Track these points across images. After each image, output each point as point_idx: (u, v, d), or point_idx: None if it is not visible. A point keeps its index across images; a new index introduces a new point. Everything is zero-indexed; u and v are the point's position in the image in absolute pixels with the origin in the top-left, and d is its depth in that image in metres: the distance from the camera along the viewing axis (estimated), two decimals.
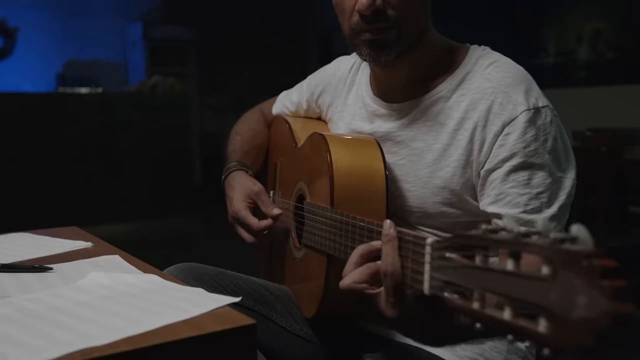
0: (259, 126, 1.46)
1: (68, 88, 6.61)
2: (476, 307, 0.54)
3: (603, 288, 0.43)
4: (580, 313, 0.44)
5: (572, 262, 0.45)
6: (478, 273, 0.55)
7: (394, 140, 1.09)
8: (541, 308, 0.47)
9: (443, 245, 0.63)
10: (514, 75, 0.99)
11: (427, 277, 0.66)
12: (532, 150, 0.93)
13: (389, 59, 1.02)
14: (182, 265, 1.19)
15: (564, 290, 0.45)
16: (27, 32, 7.19)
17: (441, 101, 1.03)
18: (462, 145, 0.99)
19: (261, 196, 1.24)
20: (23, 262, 0.99)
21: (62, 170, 5.03)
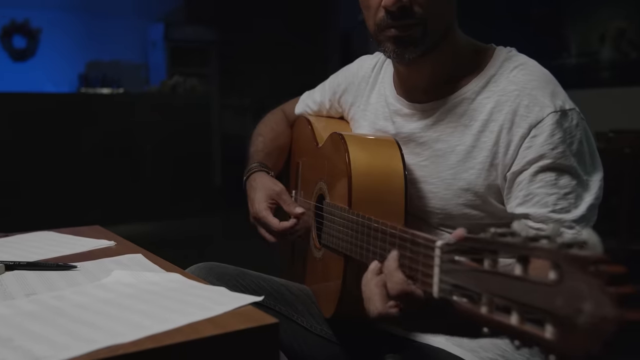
0: (281, 127, 1.46)
1: (90, 88, 6.69)
2: (484, 311, 0.54)
3: (609, 294, 0.42)
4: (586, 319, 0.43)
5: (578, 267, 0.44)
6: (486, 277, 0.55)
7: (417, 141, 1.08)
8: (547, 313, 0.46)
9: (452, 249, 0.63)
10: (540, 77, 0.99)
11: (436, 280, 0.66)
12: (559, 152, 0.93)
13: (413, 56, 1.02)
14: (204, 264, 1.19)
15: (570, 295, 0.45)
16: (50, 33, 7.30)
17: (465, 102, 1.03)
18: (487, 148, 0.99)
19: (283, 196, 1.24)
20: (48, 261, 1.00)
21: (83, 170, 5.08)
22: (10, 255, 1.05)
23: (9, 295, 0.80)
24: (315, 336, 1.17)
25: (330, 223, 1.08)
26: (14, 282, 0.87)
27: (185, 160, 5.55)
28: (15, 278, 0.89)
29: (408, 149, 1.09)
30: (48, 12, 7.22)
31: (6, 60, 7.18)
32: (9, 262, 0.95)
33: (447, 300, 0.62)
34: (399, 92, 1.14)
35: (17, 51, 7.22)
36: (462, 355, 1.01)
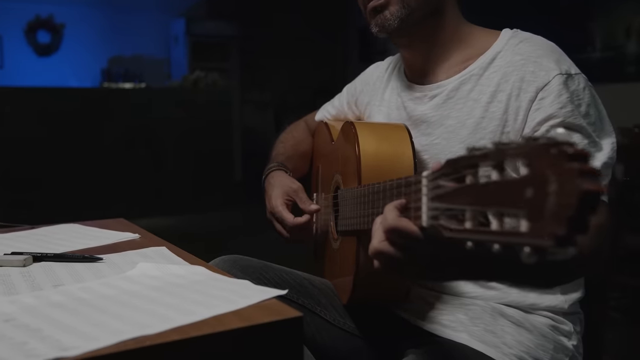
0: (302, 135, 1.50)
1: (112, 83, 6.76)
2: (468, 226, 0.54)
3: (570, 170, 0.42)
4: (552, 201, 0.43)
5: (542, 153, 0.45)
6: (468, 192, 0.55)
7: (429, 122, 1.10)
8: (521, 208, 0.46)
9: (437, 175, 0.63)
10: (545, 47, 1.01)
11: (424, 209, 0.66)
12: (568, 111, 0.94)
13: (392, 24, 1.06)
14: (227, 257, 1.20)
15: (538, 183, 0.45)
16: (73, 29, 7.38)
17: (473, 79, 1.06)
18: (497, 117, 1.01)
19: (299, 193, 1.26)
20: (74, 252, 1.02)
21: (105, 164, 5.14)
22: (37, 247, 1.07)
23: (37, 286, 0.81)
24: (338, 329, 1.17)
25: (344, 207, 1.10)
26: (41, 273, 0.88)
27: (206, 154, 5.58)
28: (43, 269, 0.91)
29: (420, 130, 1.11)
30: (72, 7, 7.30)
31: (31, 56, 7.28)
32: (36, 254, 0.96)
33: (435, 227, 0.62)
34: (409, 78, 1.18)
35: (41, 46, 7.32)
36: (485, 351, 1.00)
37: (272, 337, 0.67)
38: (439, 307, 1.08)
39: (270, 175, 1.35)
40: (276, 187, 1.29)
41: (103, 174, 5.12)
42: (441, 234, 0.59)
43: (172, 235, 1.24)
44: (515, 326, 1.02)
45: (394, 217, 0.72)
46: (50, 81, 6.75)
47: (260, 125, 7.56)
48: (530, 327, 1.02)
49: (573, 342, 1.05)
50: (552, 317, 1.04)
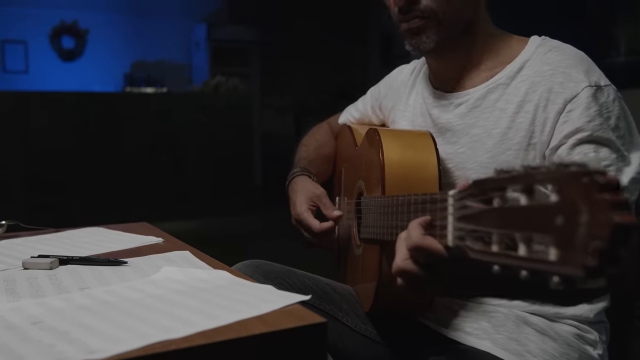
0: (325, 137, 1.49)
1: (135, 88, 6.83)
2: (495, 249, 0.53)
3: (602, 201, 0.41)
4: (583, 232, 0.42)
5: (573, 181, 0.44)
6: (495, 215, 0.54)
7: (454, 130, 1.09)
8: (551, 235, 0.45)
9: (464, 195, 0.62)
10: (574, 57, 0.99)
11: (450, 229, 0.66)
12: (597, 124, 0.92)
13: (428, 46, 1.05)
14: (250, 261, 1.20)
15: (568, 212, 0.44)
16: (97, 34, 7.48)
17: (500, 88, 1.04)
18: (524, 128, 0.99)
19: (323, 199, 1.25)
20: (99, 256, 1.03)
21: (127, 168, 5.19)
22: (62, 250, 1.08)
23: (64, 288, 0.82)
24: (360, 335, 1.17)
25: (367, 215, 1.09)
26: (67, 276, 0.90)
27: (227, 159, 5.62)
28: (69, 272, 0.92)
29: (445, 138, 1.10)
30: (96, 13, 7.41)
31: (55, 61, 7.40)
32: (62, 257, 0.97)
33: (460, 247, 0.62)
34: (434, 85, 1.17)
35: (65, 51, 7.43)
36: (509, 359, 0.99)
37: (296, 342, 0.66)
38: (462, 315, 1.07)
39: (293, 181, 1.35)
40: (300, 193, 1.29)
41: (125, 177, 5.18)
42: (467, 255, 0.59)
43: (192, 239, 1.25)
44: (540, 334, 1.01)
45: (418, 235, 0.71)
46: (74, 86, 6.85)
47: (280, 130, 7.59)
48: (555, 335, 1.01)
49: (599, 351, 1.04)
50: (577, 326, 1.03)
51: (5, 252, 1.08)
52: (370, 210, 1.06)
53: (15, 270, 0.94)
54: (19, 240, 1.20)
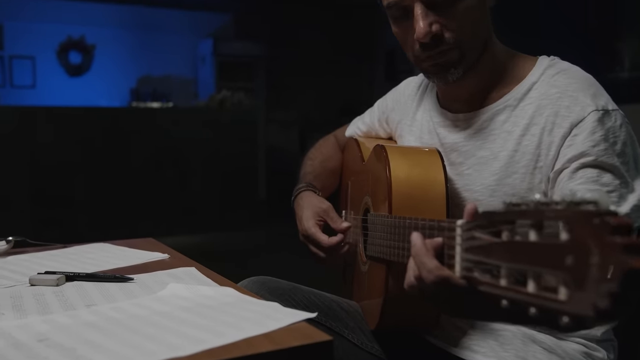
0: (332, 151, 1.48)
1: (141, 102, 6.87)
2: (503, 284, 0.53)
3: (614, 244, 0.41)
4: (594, 273, 0.42)
5: (584, 222, 0.44)
6: (504, 248, 0.54)
7: (460, 150, 1.09)
8: (560, 274, 0.45)
9: (472, 226, 0.62)
10: (582, 80, 0.99)
11: (458, 259, 0.66)
12: (601, 149, 0.91)
13: (456, 77, 1.03)
14: (256, 278, 1.20)
15: (579, 252, 0.44)
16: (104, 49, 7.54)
17: (508, 110, 1.03)
18: (530, 151, 0.99)
19: (329, 213, 1.25)
20: (105, 272, 1.03)
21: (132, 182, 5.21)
22: (69, 266, 1.09)
23: (70, 305, 0.83)
24: (366, 353, 1.16)
25: (373, 232, 1.09)
26: (74, 292, 0.90)
27: (232, 173, 5.63)
28: (75, 289, 0.92)
29: (451, 158, 1.09)
30: (103, 28, 7.47)
31: (62, 76, 7.45)
32: (69, 273, 0.97)
33: (469, 278, 0.62)
34: (442, 104, 1.16)
35: (72, 66, 7.49)
36: None
37: None
38: (469, 333, 1.06)
39: (299, 197, 1.34)
40: (306, 208, 1.28)
41: (131, 191, 5.19)
42: (475, 287, 0.59)
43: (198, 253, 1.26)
44: (547, 352, 1.00)
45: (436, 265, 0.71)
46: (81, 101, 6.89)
47: (285, 144, 7.61)
48: (563, 353, 1.00)
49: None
50: (585, 344, 1.02)
51: (12, 268, 1.08)
52: (377, 228, 1.06)
53: (22, 286, 0.94)
54: (26, 256, 1.20)
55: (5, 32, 7.16)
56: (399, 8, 1.01)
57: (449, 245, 0.70)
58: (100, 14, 7.24)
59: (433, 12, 0.98)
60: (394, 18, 1.04)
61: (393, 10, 1.02)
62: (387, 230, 0.98)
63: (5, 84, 7.17)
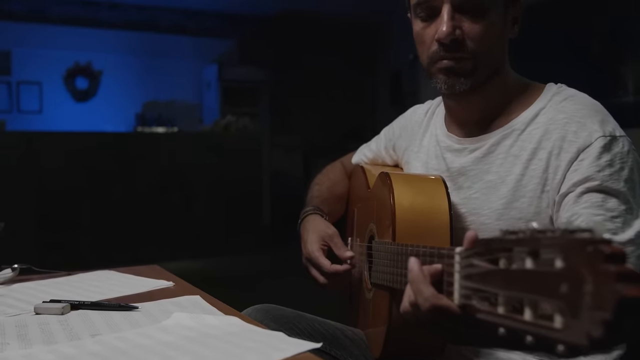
0: (338, 176, 1.49)
1: (146, 127, 6.91)
2: (501, 311, 0.53)
3: (607, 273, 0.41)
4: (587, 302, 0.42)
5: (578, 250, 0.44)
6: (501, 276, 0.54)
7: (468, 175, 1.09)
8: (556, 302, 0.45)
9: (471, 253, 0.62)
10: (589, 107, 0.99)
11: (456, 287, 0.66)
12: (606, 175, 0.91)
13: (463, 88, 1.03)
14: (260, 306, 1.20)
15: (573, 280, 0.44)
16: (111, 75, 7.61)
17: (515, 134, 1.04)
18: (537, 175, 0.99)
19: (334, 239, 1.25)
20: (110, 300, 1.03)
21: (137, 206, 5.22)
22: (74, 294, 1.09)
23: (75, 335, 0.83)
24: None
25: (378, 260, 1.09)
26: (79, 321, 0.90)
27: (236, 198, 5.63)
28: (80, 317, 0.92)
29: (458, 183, 1.10)
30: (110, 54, 7.55)
31: (68, 101, 7.52)
32: (74, 302, 0.98)
33: (467, 306, 0.62)
34: (449, 129, 1.16)
35: (79, 92, 7.56)
36: None
37: None
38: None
39: (305, 220, 1.34)
40: (311, 232, 1.28)
41: (135, 216, 5.20)
42: (473, 315, 0.59)
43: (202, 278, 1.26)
44: None
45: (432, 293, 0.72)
46: (86, 126, 6.94)
47: (290, 169, 7.63)
48: None
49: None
50: None
51: (18, 296, 1.08)
52: (381, 255, 1.06)
53: (27, 315, 0.95)
54: (31, 284, 1.20)
55: (13, 58, 7.24)
56: (427, 7, 1.03)
57: (447, 273, 0.70)
58: (107, 40, 7.33)
59: (460, 17, 1.00)
60: (419, 16, 1.05)
61: (420, 8, 1.04)
62: (390, 257, 0.98)
63: (13, 110, 7.23)
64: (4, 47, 7.09)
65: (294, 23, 7.49)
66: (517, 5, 1.06)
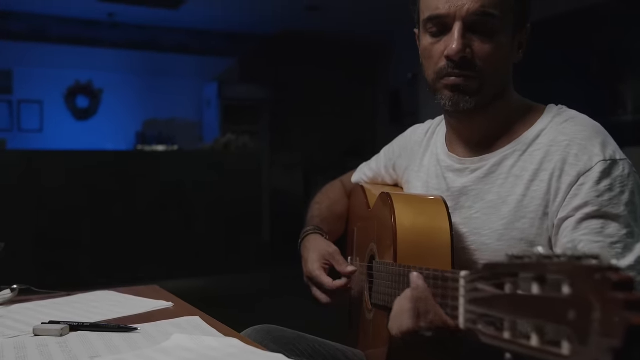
0: (338, 196, 1.49)
1: (146, 145, 6.93)
2: (507, 336, 0.53)
3: (615, 300, 0.41)
4: (596, 329, 0.42)
5: (586, 277, 0.44)
6: (507, 301, 0.54)
7: (469, 195, 1.09)
8: (563, 329, 0.45)
9: (475, 277, 0.62)
10: (590, 129, 1.00)
11: (462, 311, 0.66)
12: (606, 200, 0.91)
13: (467, 106, 1.04)
14: (261, 327, 1.19)
15: (581, 307, 0.44)
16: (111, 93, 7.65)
17: (516, 154, 1.04)
18: (539, 197, 0.99)
19: (336, 256, 1.25)
20: (109, 321, 1.03)
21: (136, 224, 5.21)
22: (73, 315, 1.08)
23: (74, 357, 0.82)
24: None
25: (379, 280, 1.09)
26: (78, 343, 0.89)
27: (236, 216, 5.63)
28: (80, 339, 0.92)
29: (460, 203, 1.10)
30: (110, 72, 7.58)
31: (69, 119, 7.53)
32: (73, 323, 0.97)
33: (472, 330, 0.62)
34: (450, 149, 1.16)
35: (80, 110, 7.58)
36: None
37: None
38: None
39: (306, 239, 1.34)
40: (312, 251, 1.28)
41: (135, 234, 5.19)
42: (479, 339, 0.59)
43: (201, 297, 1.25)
44: None
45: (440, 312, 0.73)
46: (87, 144, 6.95)
47: (289, 187, 7.63)
48: None
49: None
50: None
51: (17, 318, 1.08)
52: (382, 276, 1.06)
53: (26, 337, 0.94)
54: (30, 304, 1.20)
55: (15, 77, 7.28)
56: (438, 23, 1.03)
57: (452, 297, 0.70)
58: (108, 58, 7.37)
59: (470, 36, 1.01)
60: (429, 32, 1.06)
61: (432, 23, 1.04)
62: (392, 278, 0.98)
63: (13, 128, 7.25)
64: (5, 66, 7.12)
65: (294, 42, 7.54)
66: (524, 31, 1.07)
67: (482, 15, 0.99)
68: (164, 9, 6.48)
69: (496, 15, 0.99)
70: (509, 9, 1.02)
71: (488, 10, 0.99)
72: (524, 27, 1.07)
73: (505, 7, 1.01)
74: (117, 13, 6.63)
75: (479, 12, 0.99)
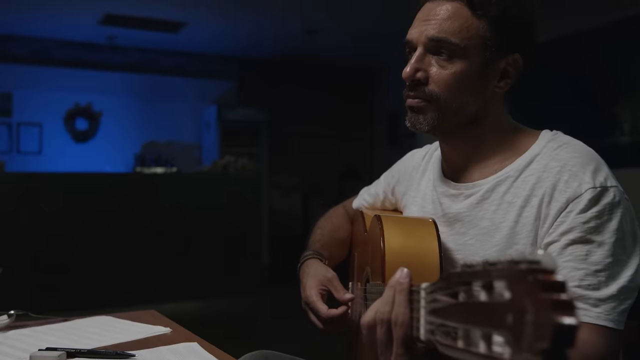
0: (341, 221, 1.50)
1: (145, 168, 6.93)
2: (460, 345, 0.53)
3: (543, 301, 0.42)
4: (529, 331, 0.43)
5: (521, 280, 0.45)
6: (460, 310, 0.55)
7: (463, 221, 1.09)
8: (504, 333, 0.46)
9: (434, 288, 0.63)
10: (583, 155, 0.99)
11: (422, 322, 0.67)
12: (592, 226, 0.91)
13: (423, 128, 1.06)
14: (257, 353, 1.19)
15: (517, 310, 0.44)
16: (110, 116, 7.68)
17: (509, 180, 1.04)
18: (530, 223, 0.99)
19: (334, 282, 1.24)
20: (106, 348, 1.02)
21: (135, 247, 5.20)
22: (70, 342, 1.08)
23: None
24: None
25: (371, 302, 1.08)
26: None
27: (234, 238, 5.62)
28: None
29: (454, 229, 1.10)
30: (109, 95, 7.62)
31: (68, 142, 7.55)
32: (70, 350, 0.97)
33: (432, 341, 0.62)
34: (446, 174, 1.17)
35: (79, 133, 7.61)
36: None
37: None
38: None
39: (305, 264, 1.34)
40: (311, 276, 1.28)
41: (133, 257, 5.17)
42: (437, 349, 0.60)
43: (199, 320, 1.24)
44: None
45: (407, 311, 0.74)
46: (86, 166, 6.96)
47: (288, 208, 7.63)
48: None
49: None
50: None
51: (13, 344, 1.07)
52: (374, 297, 1.06)
53: None
54: (27, 330, 1.19)
55: (15, 100, 7.31)
56: (410, 47, 1.07)
57: (415, 309, 0.71)
58: (107, 81, 7.41)
59: (429, 61, 1.03)
60: (407, 53, 1.09)
61: (407, 47, 1.08)
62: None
63: (12, 151, 7.26)
64: (5, 89, 7.16)
65: (292, 65, 7.60)
66: (509, 60, 1.05)
67: (438, 40, 1.01)
68: (164, 33, 6.54)
69: (453, 42, 1.01)
70: (476, 36, 1.02)
71: (443, 36, 1.01)
72: (509, 56, 1.05)
73: (470, 34, 1.01)
74: (117, 36, 6.68)
75: (434, 37, 1.01)
